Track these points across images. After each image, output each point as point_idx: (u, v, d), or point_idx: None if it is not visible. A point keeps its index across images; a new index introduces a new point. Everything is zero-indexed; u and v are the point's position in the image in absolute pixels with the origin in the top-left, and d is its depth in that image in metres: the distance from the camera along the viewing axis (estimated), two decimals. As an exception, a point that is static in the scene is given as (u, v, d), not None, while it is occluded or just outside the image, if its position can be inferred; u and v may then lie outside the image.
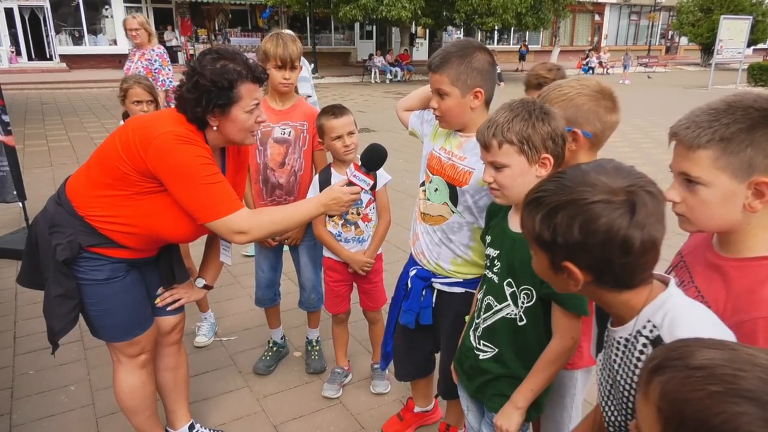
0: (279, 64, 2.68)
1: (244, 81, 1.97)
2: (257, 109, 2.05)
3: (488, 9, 21.90)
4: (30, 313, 3.74)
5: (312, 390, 3.03)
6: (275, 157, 2.82)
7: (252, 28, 27.15)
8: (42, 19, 22.99)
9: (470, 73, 1.91)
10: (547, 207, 1.07)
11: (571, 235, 1.03)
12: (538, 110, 1.55)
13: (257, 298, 3.17)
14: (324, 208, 2.09)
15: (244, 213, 2.00)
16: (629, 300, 1.09)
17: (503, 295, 1.68)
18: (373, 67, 23.23)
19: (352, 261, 2.74)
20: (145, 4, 24.43)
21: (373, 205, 2.73)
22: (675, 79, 25.10)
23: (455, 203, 2.06)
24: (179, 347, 2.48)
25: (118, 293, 2.11)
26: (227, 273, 4.47)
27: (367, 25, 28.98)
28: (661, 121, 10.86)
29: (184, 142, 1.92)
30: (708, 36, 29.25)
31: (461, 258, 2.11)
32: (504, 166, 1.58)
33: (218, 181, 1.97)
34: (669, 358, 0.76)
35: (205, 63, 1.96)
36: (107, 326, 2.15)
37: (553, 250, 1.08)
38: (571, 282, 1.10)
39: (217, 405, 2.87)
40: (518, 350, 1.69)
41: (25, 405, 2.86)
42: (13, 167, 4.73)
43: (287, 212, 2.13)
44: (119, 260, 2.09)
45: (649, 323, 1.06)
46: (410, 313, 2.25)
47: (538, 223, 1.08)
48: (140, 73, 5.30)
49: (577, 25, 36.53)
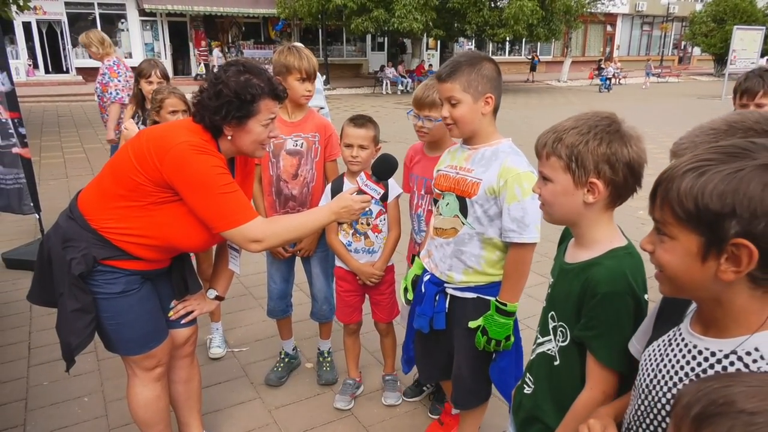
0: (303, 77, 2.71)
1: (265, 97, 2.02)
2: (272, 124, 2.09)
3: (499, 20, 21.95)
4: (44, 324, 3.76)
5: (324, 401, 3.01)
6: (288, 168, 2.83)
7: (264, 40, 27.39)
8: (59, 33, 23.39)
9: (480, 80, 1.97)
10: (721, 172, 0.90)
11: (761, 204, 0.86)
12: (603, 127, 1.34)
13: (269, 309, 3.17)
14: (335, 216, 2.12)
15: (259, 222, 2.03)
16: (756, 312, 0.95)
17: (547, 327, 1.54)
18: (385, 78, 23.34)
19: (360, 272, 2.74)
20: (159, 18, 24.78)
21: (384, 216, 2.73)
22: (688, 89, 24.97)
23: (465, 215, 2.10)
24: (192, 359, 2.49)
25: (134, 306, 2.11)
26: (239, 284, 4.48)
27: (379, 37, 29.14)
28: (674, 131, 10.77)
29: (200, 152, 1.95)
30: (721, 46, 29.14)
31: (472, 269, 2.15)
32: (549, 179, 1.42)
33: (234, 191, 2.00)
34: (714, 404, 0.72)
35: (230, 74, 1.99)
36: (123, 339, 2.14)
37: (721, 225, 0.90)
38: (728, 271, 0.92)
39: (229, 416, 2.86)
40: (552, 391, 1.51)
41: (39, 416, 2.88)
42: (29, 179, 4.79)
43: (300, 220, 2.15)
44: (134, 272, 2.09)
45: (756, 352, 0.93)
46: (424, 318, 2.27)
47: (706, 192, 0.90)
48: (97, 88, 5.35)
49: (588, 35, 36.48)
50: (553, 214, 1.45)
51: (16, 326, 3.78)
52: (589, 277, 1.36)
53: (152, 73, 3.77)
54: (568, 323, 1.43)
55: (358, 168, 2.61)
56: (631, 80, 28.68)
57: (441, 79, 2.02)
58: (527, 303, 2.90)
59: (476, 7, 21.78)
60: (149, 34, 25.16)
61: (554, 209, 1.44)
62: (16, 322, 3.83)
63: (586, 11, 25.00)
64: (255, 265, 4.76)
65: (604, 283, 1.32)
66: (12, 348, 3.52)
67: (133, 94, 3.95)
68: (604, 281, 1.32)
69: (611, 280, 1.30)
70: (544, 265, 3.86)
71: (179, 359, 2.43)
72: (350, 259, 2.75)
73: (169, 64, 24.86)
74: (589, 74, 29.04)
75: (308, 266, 3.08)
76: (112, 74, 5.46)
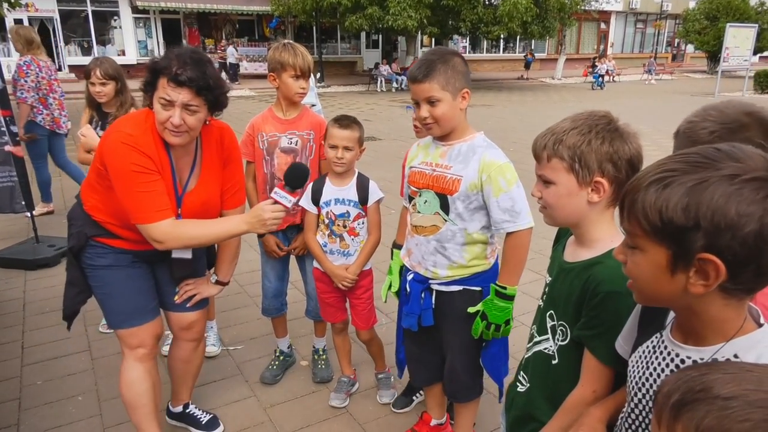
0: (297, 74, 2.70)
1: (164, 75, 2.03)
2: (169, 109, 2.03)
3: (494, 18, 21.97)
4: (38, 324, 3.75)
5: (319, 399, 3.01)
6: (282, 166, 2.82)
7: (259, 37, 27.32)
8: (51, 30, 23.21)
9: (456, 76, 2.00)
10: (685, 184, 0.88)
11: (724, 217, 0.85)
12: (602, 126, 1.35)
13: (264, 307, 3.17)
14: (247, 226, 2.17)
15: (165, 224, 2.09)
16: (731, 319, 0.95)
17: (544, 326, 1.53)
18: (379, 75, 23.32)
19: (332, 274, 2.71)
20: (153, 15, 24.65)
21: (363, 220, 2.68)
22: (681, 86, 25.06)
23: (447, 212, 2.12)
24: (197, 345, 2.60)
25: (120, 279, 2.28)
26: (234, 282, 4.47)
27: (373, 35, 29.11)
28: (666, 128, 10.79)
29: (127, 147, 2.04)
30: (714, 44, 29.25)
31: (456, 263, 2.17)
32: (551, 182, 1.40)
33: (148, 191, 2.06)
34: (692, 391, 0.73)
35: (162, 54, 2.11)
36: (108, 310, 2.34)
37: (687, 239, 0.89)
38: (697, 284, 0.91)
39: (225, 414, 2.86)
40: (548, 390, 1.51)
41: (33, 416, 2.86)
42: (22, 178, 4.76)
43: (208, 228, 2.20)
44: (122, 251, 2.26)
45: (736, 359, 0.94)
46: (412, 317, 2.28)
47: (671, 206, 0.89)
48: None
49: (583, 33, 36.56)
50: (556, 216, 1.44)
51: (9, 325, 3.76)
52: (590, 277, 1.35)
53: (92, 74, 3.39)
54: (569, 322, 1.43)
55: (342, 169, 2.59)
56: (625, 77, 28.76)
57: (417, 80, 1.99)
58: (522, 300, 2.91)
59: (471, 4, 21.78)
60: (142, 32, 25.03)
61: (557, 211, 1.42)
62: (9, 322, 3.81)
63: (580, 8, 25.02)
64: (249, 263, 4.74)
65: (607, 283, 1.31)
66: (5, 347, 3.50)
67: (86, 98, 3.59)
68: (606, 280, 1.31)
69: (613, 279, 1.29)
70: (538, 262, 3.88)
71: (184, 341, 2.55)
72: (324, 260, 2.72)
73: (163, 61, 24.73)
74: (583, 72, 29.10)
75: (303, 264, 3.07)
76: (21, 74, 5.45)
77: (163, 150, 2.15)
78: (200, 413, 2.76)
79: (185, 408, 2.74)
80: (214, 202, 2.34)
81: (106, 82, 3.43)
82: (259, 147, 2.83)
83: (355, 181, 2.65)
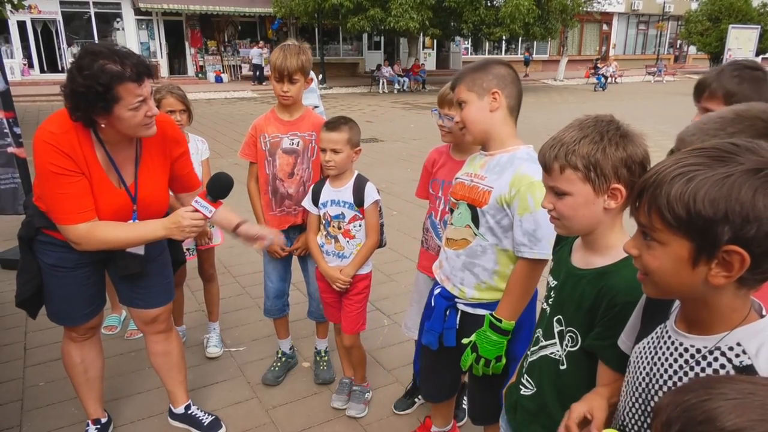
0: (276, 77, 2.70)
1: (122, 81, 1.95)
2: (144, 105, 2.04)
3: (496, 19, 21.95)
4: (40, 325, 3.73)
5: (321, 400, 3.01)
6: (284, 167, 2.83)
7: (261, 39, 27.34)
8: (54, 32, 23.29)
9: (485, 77, 1.90)
10: (711, 178, 0.89)
11: (752, 209, 0.86)
12: (613, 131, 1.33)
13: (266, 308, 3.17)
14: (165, 231, 2.17)
15: (82, 227, 2.10)
16: (738, 308, 0.97)
17: (551, 331, 1.50)
18: (381, 77, 23.33)
19: (326, 274, 2.71)
20: (155, 16, 24.69)
21: (360, 222, 2.66)
22: (684, 88, 25.03)
23: (477, 225, 1.99)
24: (167, 335, 2.62)
25: (58, 284, 2.33)
26: (236, 283, 4.47)
27: (375, 36, 29.13)
28: (668, 130, 10.84)
29: (49, 146, 2.02)
30: (716, 45, 29.24)
31: (485, 284, 2.03)
32: (565, 193, 1.36)
33: (65, 192, 2.06)
34: (693, 422, 0.70)
35: (82, 65, 1.94)
36: (46, 304, 2.42)
37: (713, 231, 0.89)
38: (719, 276, 0.92)
39: (227, 416, 2.86)
40: (560, 395, 1.48)
41: (35, 417, 2.87)
42: (24, 179, 4.77)
43: (126, 232, 2.20)
44: (68, 247, 2.19)
45: (738, 347, 0.96)
46: (433, 334, 2.16)
47: (698, 199, 0.89)
48: None
49: (585, 34, 36.52)
50: (572, 227, 1.41)
51: (11, 327, 3.77)
52: (606, 286, 1.34)
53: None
54: (580, 330, 1.41)
55: (334, 172, 2.59)
56: (627, 79, 28.74)
57: (452, 86, 2.01)
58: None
59: (472, 5, 21.76)
60: (145, 34, 25.06)
61: (574, 222, 1.39)
62: (11, 323, 3.81)
63: (582, 10, 25.00)
64: (252, 264, 4.76)
65: (624, 293, 1.30)
66: (7, 349, 3.51)
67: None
68: (623, 291, 1.30)
69: (631, 290, 1.27)
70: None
71: (152, 335, 2.59)
72: (321, 260, 2.72)
73: (165, 63, 24.80)
74: (585, 73, 29.09)
75: (305, 265, 3.07)
76: None
77: (92, 148, 2.12)
78: (202, 414, 2.76)
79: (187, 409, 2.75)
80: (163, 192, 2.38)
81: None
82: (262, 148, 2.83)
83: (352, 182, 2.64)
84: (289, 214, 2.90)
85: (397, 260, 3.07)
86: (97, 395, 2.65)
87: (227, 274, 4.63)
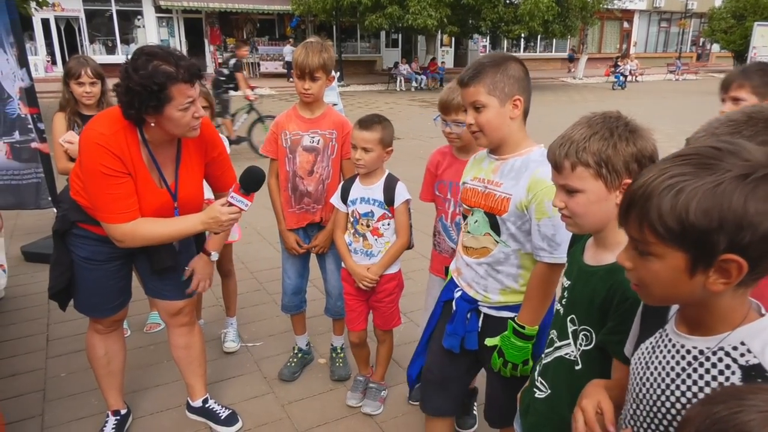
0: (298, 74, 2.71)
1: (175, 82, 2.02)
2: (192, 106, 2.11)
3: (514, 17, 21.82)
4: (62, 317, 3.80)
5: (336, 397, 3.03)
6: (304, 165, 2.84)
7: (279, 37, 27.46)
8: (77, 29, 23.65)
9: (507, 81, 1.82)
10: (700, 188, 0.88)
11: (745, 216, 0.86)
12: (622, 127, 1.34)
13: (283, 304, 3.19)
14: (203, 226, 2.23)
15: (126, 226, 2.16)
16: (737, 308, 0.97)
17: (565, 331, 1.49)
18: (399, 75, 23.30)
19: (353, 272, 2.70)
20: (176, 14, 24.93)
21: (389, 221, 2.64)
22: (706, 86, 24.64)
23: (498, 233, 1.94)
24: (190, 328, 2.68)
25: (90, 277, 2.39)
26: (253, 279, 4.51)
27: (393, 34, 29.10)
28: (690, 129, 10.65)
29: (99, 147, 2.06)
30: (741, 43, 28.73)
31: (510, 288, 1.99)
32: (577, 191, 1.37)
33: (114, 193, 2.11)
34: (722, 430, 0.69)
35: (137, 66, 2.00)
36: (75, 295, 2.47)
37: (709, 241, 0.89)
38: (717, 283, 0.92)
39: (243, 410, 2.88)
40: (574, 397, 1.42)
41: (57, 407, 2.92)
42: (48, 174, 4.85)
43: (168, 228, 2.24)
44: (102, 241, 2.27)
45: (743, 346, 0.95)
46: (455, 337, 2.08)
47: (690, 210, 0.88)
48: None
49: (605, 32, 36.13)
50: (584, 224, 1.41)
51: (34, 318, 3.84)
52: (617, 281, 1.32)
53: (82, 73, 3.24)
54: (593, 326, 1.40)
55: (364, 171, 2.59)
56: (648, 77, 28.37)
57: (463, 83, 1.86)
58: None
59: (491, 3, 21.65)
60: (165, 31, 25.33)
61: (586, 219, 1.40)
62: (34, 314, 3.89)
63: (602, 7, 24.73)
64: (269, 260, 4.79)
65: None
66: (30, 339, 3.58)
67: (64, 100, 3.36)
68: None
69: None
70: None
71: (176, 327, 2.64)
72: (348, 257, 2.71)
73: (185, 60, 25.00)
74: (605, 71, 28.78)
75: (323, 262, 3.09)
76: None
77: (138, 149, 2.17)
78: (219, 408, 2.79)
79: (204, 403, 2.78)
80: (200, 190, 2.44)
81: (96, 82, 3.32)
82: (283, 145, 2.84)
83: (383, 181, 2.63)
84: (308, 211, 2.91)
85: (413, 258, 3.06)
86: (118, 387, 2.70)
87: (245, 269, 4.67)
